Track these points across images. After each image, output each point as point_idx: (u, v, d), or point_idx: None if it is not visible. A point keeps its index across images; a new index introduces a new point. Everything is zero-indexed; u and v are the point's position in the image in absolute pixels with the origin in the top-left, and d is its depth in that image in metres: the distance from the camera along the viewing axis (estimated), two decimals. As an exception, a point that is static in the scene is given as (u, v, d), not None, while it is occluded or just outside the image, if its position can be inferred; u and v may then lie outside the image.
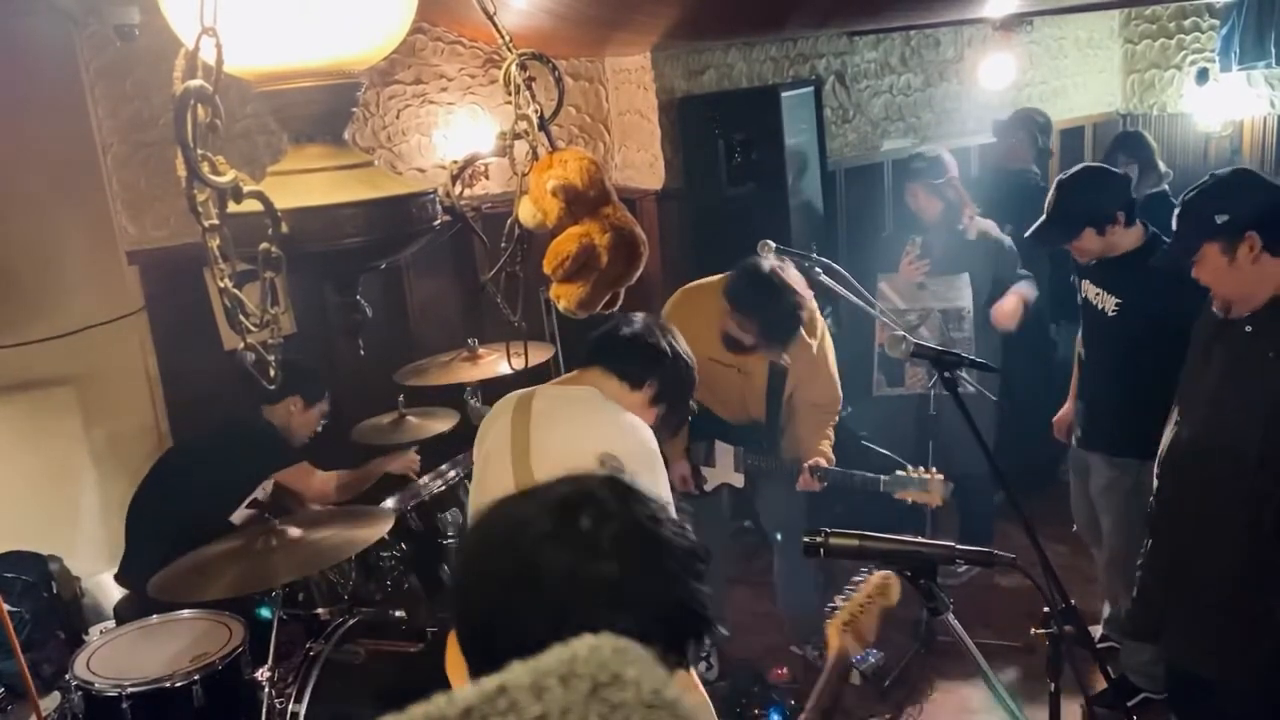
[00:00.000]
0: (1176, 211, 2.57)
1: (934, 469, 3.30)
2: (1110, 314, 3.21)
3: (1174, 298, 2.76)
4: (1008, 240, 4.14)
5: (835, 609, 1.85)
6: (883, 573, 1.85)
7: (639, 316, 2.37)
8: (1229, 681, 2.54)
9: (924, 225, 4.18)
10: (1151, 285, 2.96)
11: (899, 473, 3.31)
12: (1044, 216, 3.21)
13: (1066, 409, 3.62)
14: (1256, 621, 2.44)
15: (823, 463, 3.41)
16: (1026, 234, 3.37)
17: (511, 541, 1.06)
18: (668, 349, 2.29)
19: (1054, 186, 3.23)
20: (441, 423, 3.74)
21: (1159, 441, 2.74)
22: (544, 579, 1.02)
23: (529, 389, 2.35)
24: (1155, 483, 2.75)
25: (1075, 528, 3.72)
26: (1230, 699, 2.57)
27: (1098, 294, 3.25)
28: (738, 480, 3.57)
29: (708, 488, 3.61)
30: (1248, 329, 2.49)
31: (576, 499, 1.06)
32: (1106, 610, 3.67)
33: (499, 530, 1.09)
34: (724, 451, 3.57)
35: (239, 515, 3.40)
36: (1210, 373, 2.58)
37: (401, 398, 3.76)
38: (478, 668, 1.07)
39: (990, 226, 4.19)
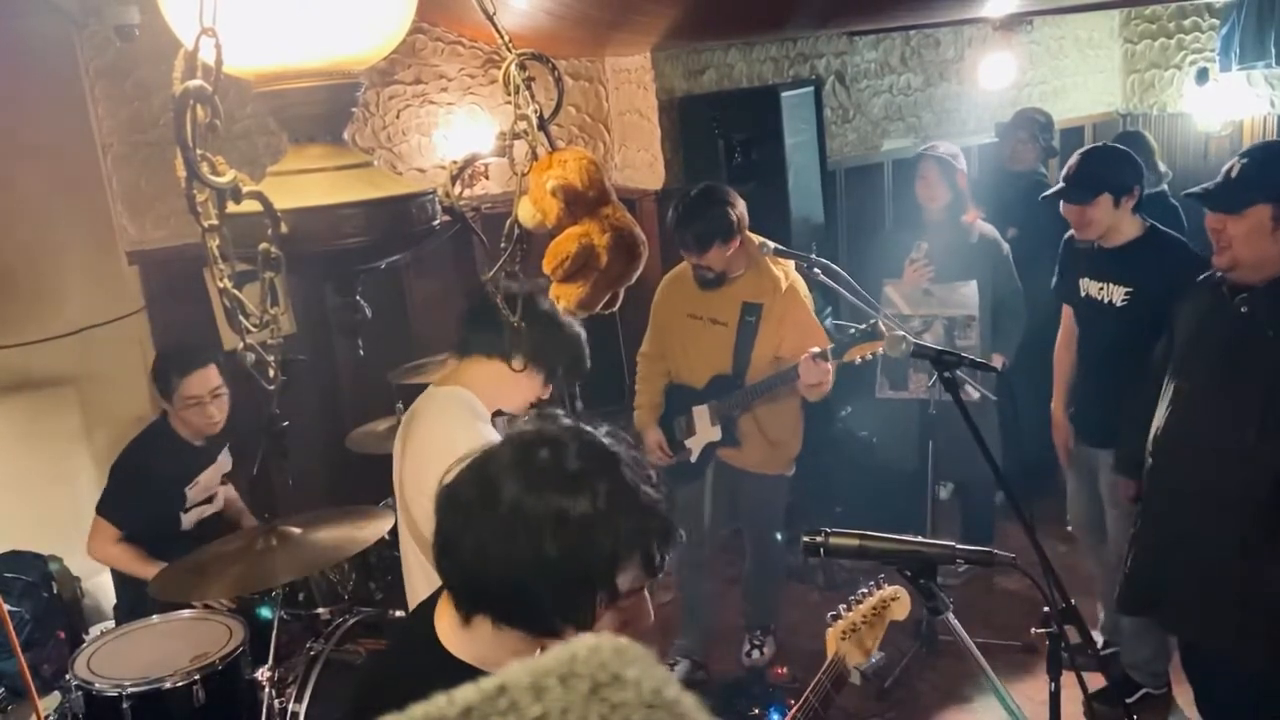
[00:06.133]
0: (1243, 161, 2.49)
1: (879, 320, 3.26)
2: (1119, 304, 3.21)
3: (1183, 285, 2.83)
4: (1006, 248, 4.13)
5: (838, 616, 1.85)
6: (894, 587, 1.85)
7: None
8: (1236, 651, 2.56)
9: (925, 222, 4.15)
10: (1162, 271, 3.04)
11: (841, 338, 3.30)
12: (1062, 180, 3.25)
13: (1059, 414, 3.57)
14: (1257, 590, 2.47)
15: (816, 349, 3.28)
16: (1041, 196, 3.41)
17: (479, 468, 1.26)
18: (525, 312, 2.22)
19: (1079, 153, 3.29)
20: None
21: None
22: (501, 500, 1.21)
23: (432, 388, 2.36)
24: (1148, 460, 2.77)
25: (1070, 526, 3.72)
26: (1239, 667, 2.60)
27: (1101, 288, 3.27)
28: (715, 434, 3.61)
29: (693, 458, 3.66)
30: (1244, 310, 2.51)
31: (536, 438, 1.26)
32: (1100, 614, 3.67)
33: (473, 461, 1.28)
34: (699, 414, 3.63)
35: (192, 518, 3.42)
36: (1204, 353, 2.60)
37: (400, 404, 3.72)
38: (448, 581, 1.30)
39: (993, 232, 4.17)
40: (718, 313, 3.55)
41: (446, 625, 1.34)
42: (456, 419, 2.16)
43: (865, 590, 1.90)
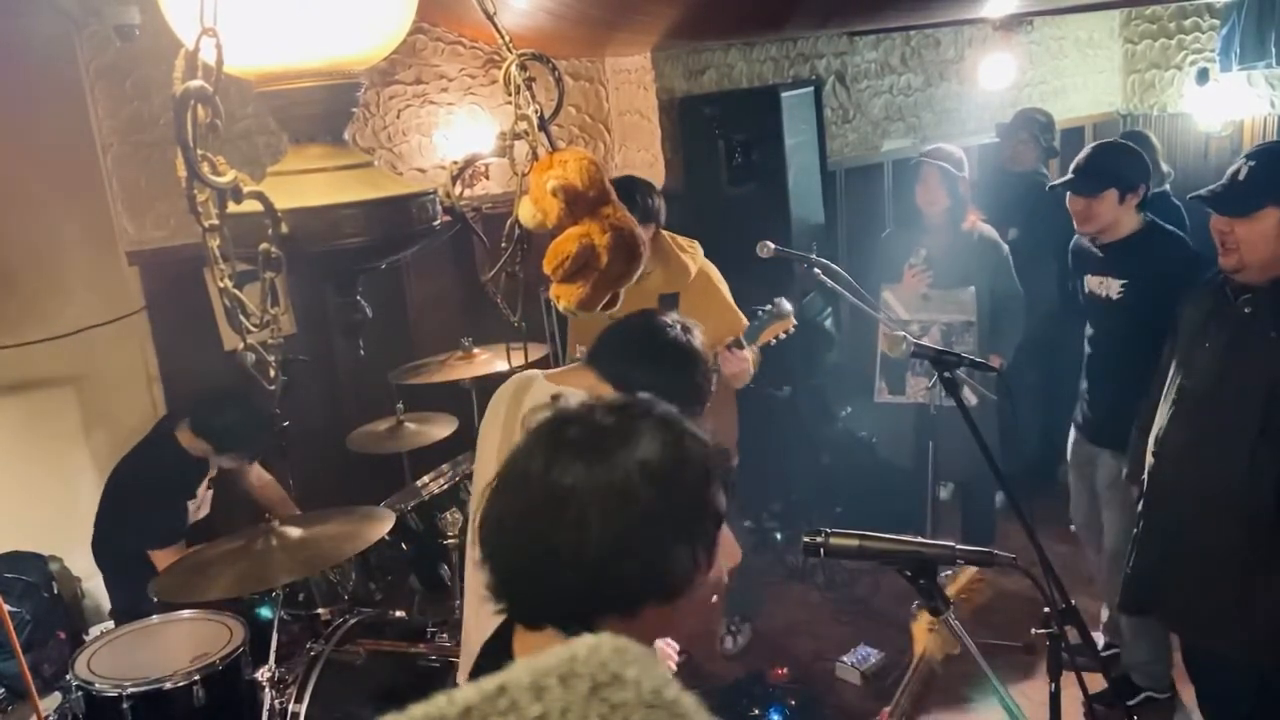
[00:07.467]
0: (1250, 164, 2.48)
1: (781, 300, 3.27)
2: (1114, 298, 3.23)
3: (1177, 279, 2.89)
4: (1005, 248, 4.12)
5: (922, 607, 1.79)
6: (971, 570, 1.78)
7: (652, 322, 2.24)
8: (1238, 651, 2.56)
9: (925, 224, 4.14)
10: (1156, 263, 3.09)
11: (752, 323, 3.26)
12: (1071, 171, 3.24)
13: None
14: (1259, 590, 2.47)
15: (729, 339, 3.20)
16: (1049, 185, 3.42)
17: (526, 452, 1.14)
18: (670, 367, 2.15)
19: (1091, 146, 3.32)
20: (439, 428, 3.67)
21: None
22: (569, 504, 1.07)
23: (530, 374, 2.31)
24: (1150, 460, 2.77)
25: (1073, 526, 3.71)
26: (1241, 667, 2.61)
27: (1101, 282, 3.28)
28: None
29: None
30: (1246, 310, 2.51)
31: (554, 423, 1.15)
32: (1105, 614, 3.67)
33: (505, 480, 1.15)
34: None
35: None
36: (1207, 353, 2.60)
37: (400, 404, 3.71)
38: (496, 579, 1.14)
39: (992, 233, 4.16)
40: (636, 308, 3.48)
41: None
42: None
43: (948, 572, 1.82)
